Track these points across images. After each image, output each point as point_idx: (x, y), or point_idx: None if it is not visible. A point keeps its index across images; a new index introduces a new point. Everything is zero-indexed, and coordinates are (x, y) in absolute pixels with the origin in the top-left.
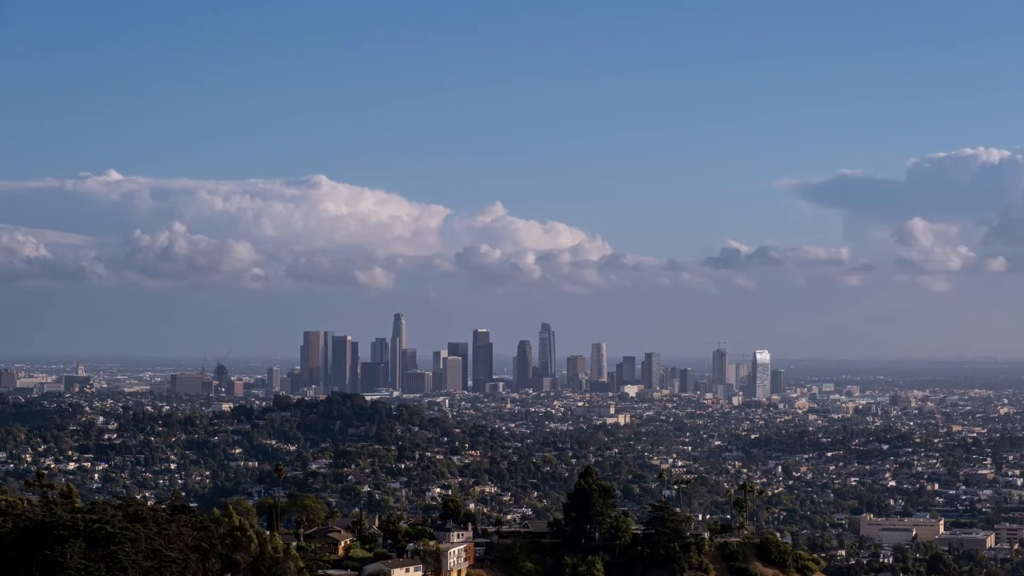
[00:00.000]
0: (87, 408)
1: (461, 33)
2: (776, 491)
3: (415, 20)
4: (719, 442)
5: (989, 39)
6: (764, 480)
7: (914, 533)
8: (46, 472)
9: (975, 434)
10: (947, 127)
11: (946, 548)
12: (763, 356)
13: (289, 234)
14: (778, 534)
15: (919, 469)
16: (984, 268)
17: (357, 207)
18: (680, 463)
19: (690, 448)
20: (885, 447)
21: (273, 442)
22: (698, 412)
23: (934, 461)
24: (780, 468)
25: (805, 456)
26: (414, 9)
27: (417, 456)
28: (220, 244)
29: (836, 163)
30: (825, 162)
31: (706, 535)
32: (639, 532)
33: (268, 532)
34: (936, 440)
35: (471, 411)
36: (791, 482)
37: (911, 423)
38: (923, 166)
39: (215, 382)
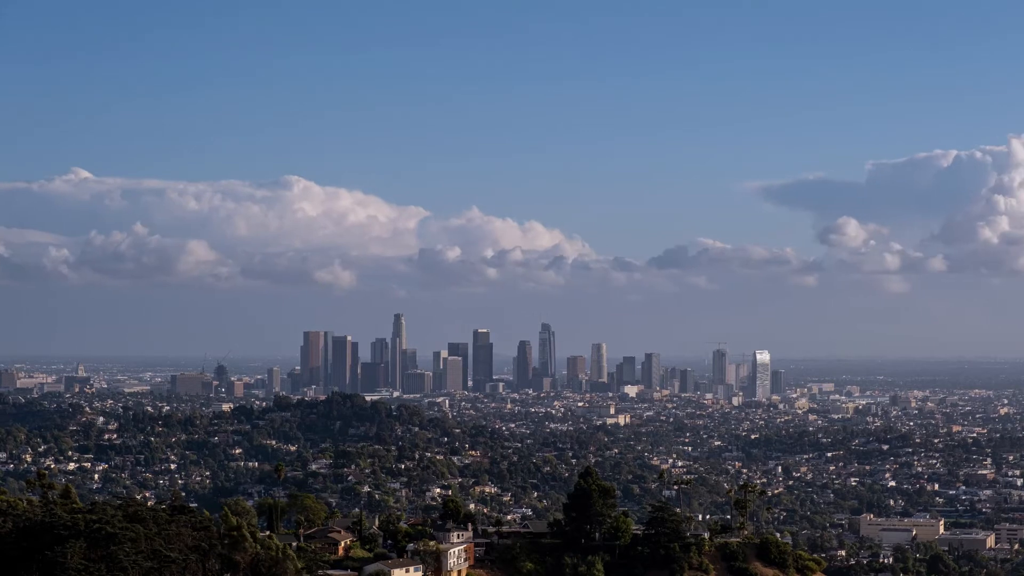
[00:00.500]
0: (87, 408)
1: (447, 37)
2: (776, 491)
3: (401, 23)
4: (719, 442)
5: (955, 44)
6: (764, 480)
7: (914, 533)
8: (46, 472)
9: (975, 434)
10: (908, 130)
11: (946, 548)
12: (763, 356)
13: (265, 234)
14: (778, 534)
15: (919, 469)
16: (932, 267)
17: (333, 208)
18: (680, 463)
19: (690, 448)
20: (885, 447)
21: (273, 442)
22: (698, 412)
23: (934, 461)
24: (780, 468)
25: (805, 456)
26: (398, 13)
27: (417, 456)
28: (203, 245)
29: (824, 164)
30: (820, 162)
31: (706, 535)
32: (639, 532)
33: (267, 532)
34: (936, 440)
35: (471, 411)
36: (791, 482)
37: (911, 423)
38: (882, 168)
39: (215, 382)
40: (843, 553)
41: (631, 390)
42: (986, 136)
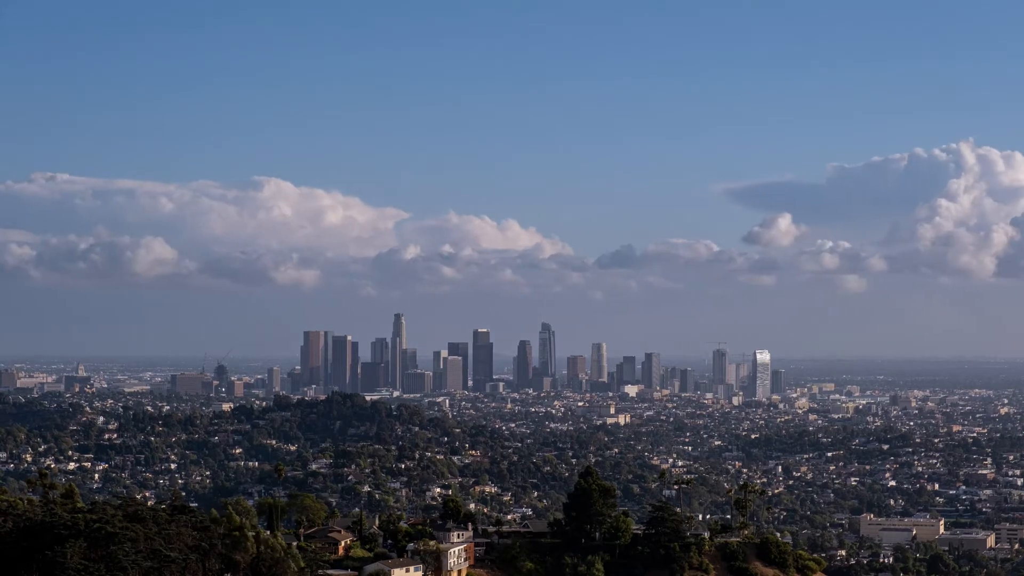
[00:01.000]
0: (87, 408)
1: (437, 39)
2: (776, 491)
3: (389, 25)
4: (719, 442)
5: (924, 49)
6: (764, 480)
7: (914, 533)
8: (48, 472)
9: (975, 434)
10: (872, 134)
11: (946, 548)
12: (763, 356)
13: (242, 235)
14: (778, 534)
15: (919, 469)
16: (873, 267)
17: (309, 209)
18: (680, 463)
19: (690, 448)
20: (885, 447)
21: (273, 442)
22: (698, 412)
23: (934, 461)
24: (780, 468)
25: (805, 456)
26: (378, 14)
27: (417, 456)
28: (174, 244)
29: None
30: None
31: (706, 535)
32: (639, 532)
33: (268, 532)
34: (936, 440)
35: (471, 411)
36: (791, 482)
37: (911, 423)
38: (843, 170)
39: (215, 382)
40: (843, 553)
41: (631, 390)
42: (947, 139)
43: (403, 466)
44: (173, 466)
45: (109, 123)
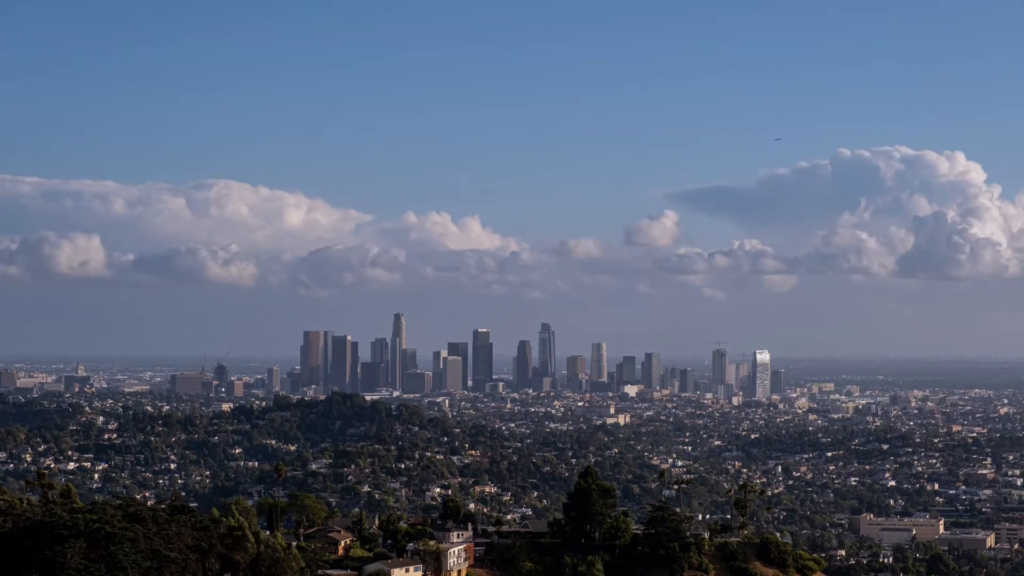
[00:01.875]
0: (87, 408)
1: (389, 43)
2: (776, 491)
3: (358, 27)
4: (719, 442)
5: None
6: (764, 480)
7: (914, 533)
8: (47, 472)
9: (975, 434)
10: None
11: (946, 548)
12: (763, 356)
13: (199, 234)
14: (778, 534)
15: (919, 469)
16: (765, 267)
17: (272, 210)
18: (680, 463)
19: (690, 448)
20: (885, 447)
21: (273, 442)
22: (698, 412)
23: (934, 461)
24: (780, 468)
25: (805, 456)
26: (344, 17)
27: (417, 456)
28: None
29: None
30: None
31: (706, 535)
32: (639, 532)
33: (268, 532)
34: (936, 440)
35: (471, 411)
36: (791, 482)
37: (911, 423)
38: (773, 176)
39: (215, 382)
40: (843, 553)
41: (631, 390)
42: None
43: (403, 466)
44: (173, 466)
45: (66, 123)
